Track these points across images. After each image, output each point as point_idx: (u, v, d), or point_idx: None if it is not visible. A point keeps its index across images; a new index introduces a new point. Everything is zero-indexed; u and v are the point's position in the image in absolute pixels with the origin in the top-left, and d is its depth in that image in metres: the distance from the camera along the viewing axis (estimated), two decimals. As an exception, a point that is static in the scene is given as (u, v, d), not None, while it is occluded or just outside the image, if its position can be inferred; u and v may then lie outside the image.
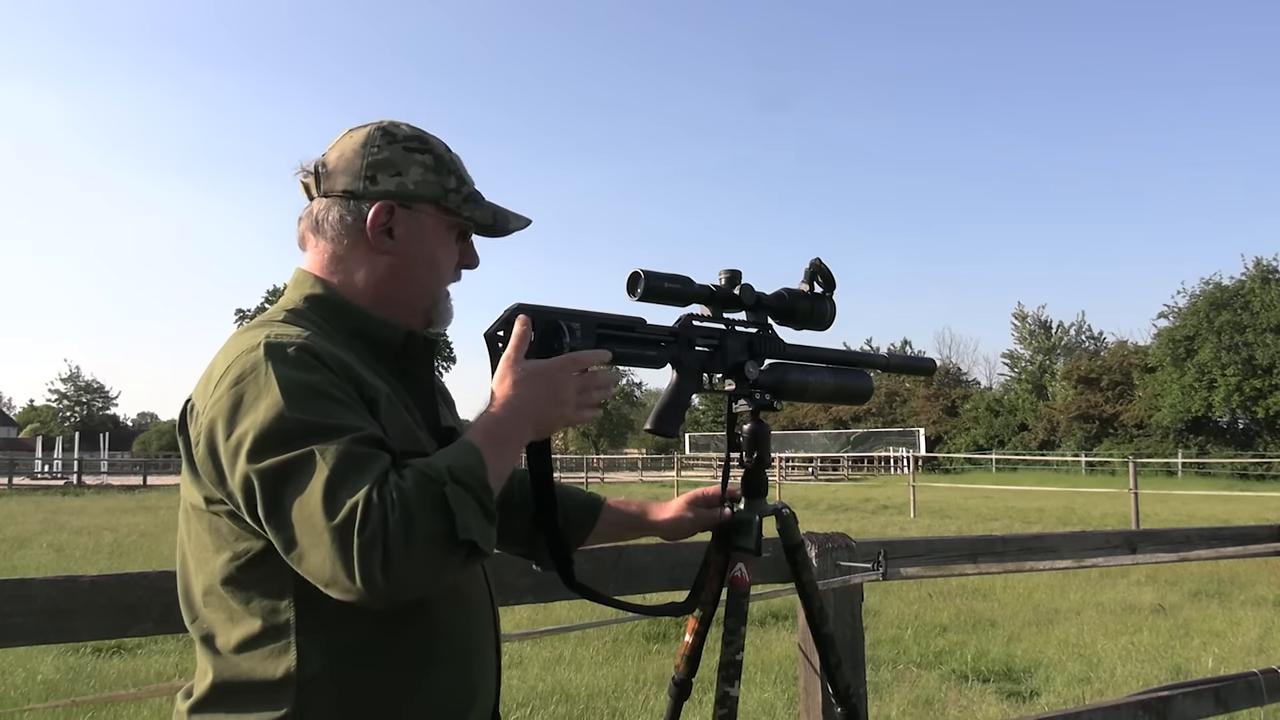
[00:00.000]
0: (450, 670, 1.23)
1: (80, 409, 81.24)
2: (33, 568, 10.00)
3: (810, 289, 1.66)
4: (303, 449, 1.05)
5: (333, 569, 1.02)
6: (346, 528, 1.01)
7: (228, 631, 1.17)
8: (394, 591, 1.02)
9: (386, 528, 1.00)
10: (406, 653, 1.19)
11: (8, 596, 1.58)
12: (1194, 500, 21.40)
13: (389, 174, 1.28)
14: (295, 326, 1.21)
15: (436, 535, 1.03)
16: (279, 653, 1.14)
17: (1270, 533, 3.43)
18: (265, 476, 1.06)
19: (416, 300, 1.33)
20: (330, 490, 1.03)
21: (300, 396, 1.09)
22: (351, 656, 1.16)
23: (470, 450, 1.13)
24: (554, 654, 6.03)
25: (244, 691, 1.16)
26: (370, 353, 1.27)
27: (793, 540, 1.72)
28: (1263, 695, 3.11)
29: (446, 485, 1.06)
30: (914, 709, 5.01)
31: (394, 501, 1.02)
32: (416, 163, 1.30)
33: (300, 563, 1.05)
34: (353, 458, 1.05)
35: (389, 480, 1.04)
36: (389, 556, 1.00)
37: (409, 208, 1.29)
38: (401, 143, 1.30)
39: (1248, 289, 44.11)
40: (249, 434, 1.08)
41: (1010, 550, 2.85)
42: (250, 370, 1.12)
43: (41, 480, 35.99)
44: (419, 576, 1.03)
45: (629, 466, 47.01)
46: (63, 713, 4.64)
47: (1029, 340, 59.19)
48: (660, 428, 1.51)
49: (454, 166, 1.34)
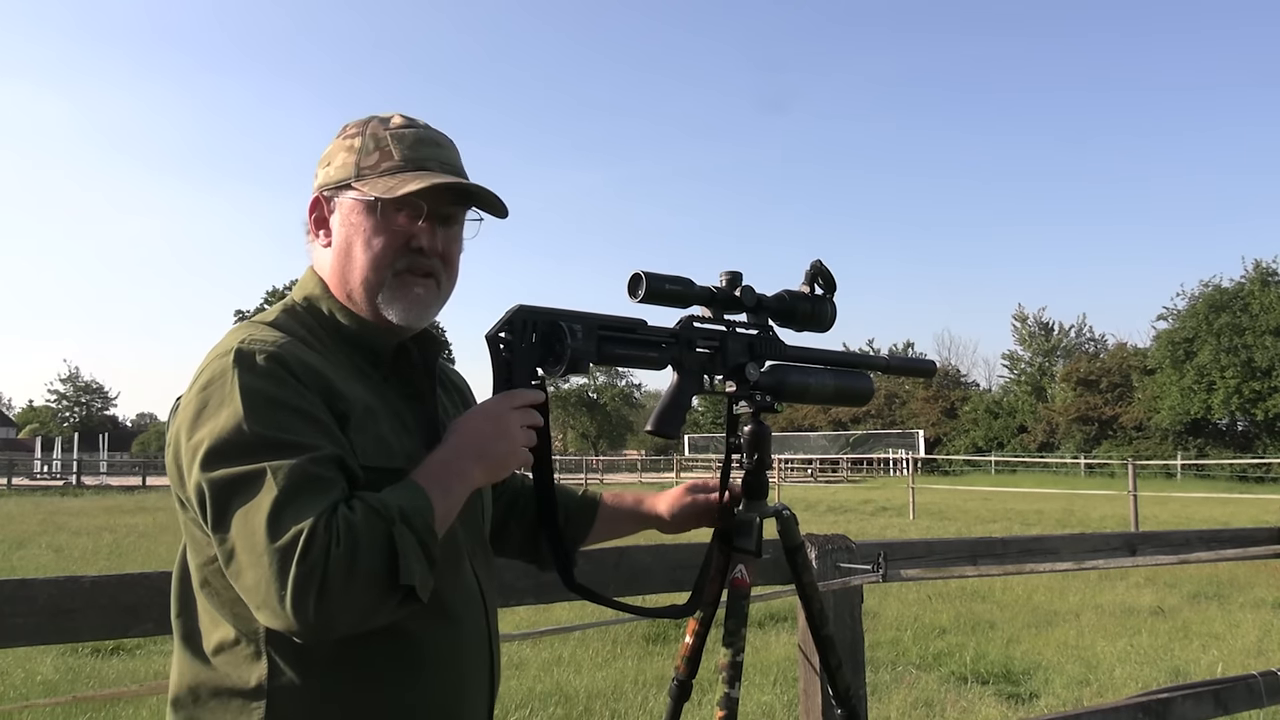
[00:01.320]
0: (429, 680, 1.20)
1: (79, 409, 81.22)
2: (32, 568, 10.00)
3: (811, 291, 1.66)
4: (255, 464, 1.04)
5: (265, 592, 0.99)
6: (287, 553, 0.98)
7: (208, 634, 1.17)
8: (321, 627, 1.00)
9: (327, 561, 0.98)
10: (381, 667, 1.17)
11: (9, 597, 1.59)
12: (1193, 503, 21.40)
13: (323, 166, 1.29)
14: (276, 331, 1.19)
15: (377, 576, 1.01)
16: (251, 660, 1.13)
17: (1269, 535, 3.44)
18: (215, 487, 1.04)
19: (357, 287, 1.25)
20: (276, 511, 1.00)
21: (261, 408, 1.07)
22: (323, 669, 1.14)
23: (419, 492, 1.10)
24: (553, 655, 6.02)
25: (218, 695, 1.15)
26: (365, 360, 1.26)
27: (793, 542, 1.73)
28: (1262, 697, 3.11)
29: (395, 525, 1.03)
30: (913, 710, 5.01)
31: (339, 534, 0.99)
32: (345, 148, 1.28)
33: (236, 579, 1.03)
34: (305, 479, 1.03)
35: (338, 511, 1.02)
36: (325, 591, 0.98)
37: (336, 195, 1.28)
38: (343, 134, 1.30)
39: (1247, 291, 44.13)
40: (204, 442, 1.06)
41: (1010, 552, 2.85)
42: (218, 376, 1.11)
43: (40, 481, 35.96)
44: (349, 615, 1.01)
45: (628, 468, 46.99)
46: (63, 711, 4.64)
47: (1029, 342, 59.22)
48: (661, 429, 1.51)
49: (381, 143, 1.25)
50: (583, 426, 72.87)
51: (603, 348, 1.40)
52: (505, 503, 1.56)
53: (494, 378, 1.31)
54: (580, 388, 72.29)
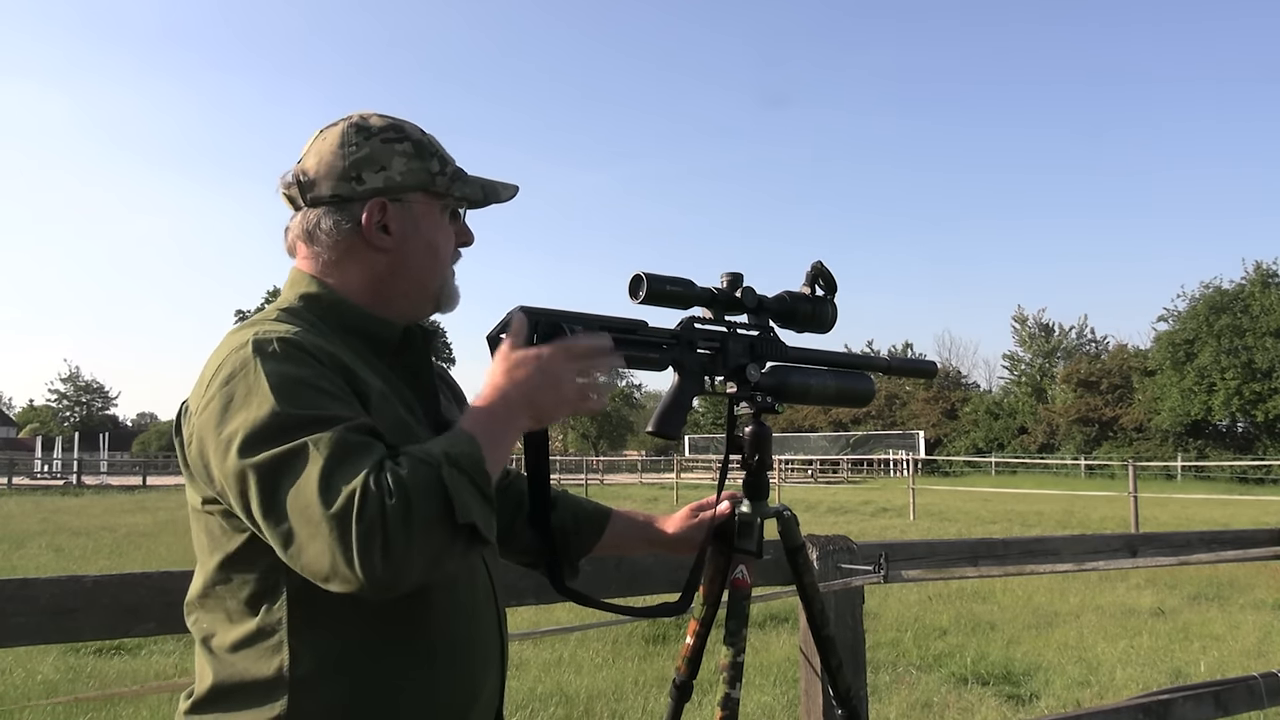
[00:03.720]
0: (446, 671, 1.22)
1: (80, 409, 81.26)
2: (32, 568, 10.00)
3: (812, 292, 1.66)
4: (296, 440, 1.04)
5: (332, 559, 1.00)
6: (344, 516, 0.99)
7: (225, 632, 1.18)
8: (394, 579, 1.00)
9: (384, 514, 0.99)
10: (399, 653, 1.18)
11: (10, 596, 1.59)
12: (1193, 504, 21.40)
13: (373, 170, 1.27)
14: (285, 324, 1.20)
15: (435, 520, 1.02)
16: (271, 652, 1.14)
17: (1270, 537, 3.44)
18: (259, 470, 1.04)
19: (424, 288, 1.32)
20: (326, 479, 1.01)
21: (291, 390, 1.08)
22: (344, 656, 1.15)
23: (465, 437, 1.11)
24: (554, 656, 6.03)
25: (239, 691, 1.16)
26: (369, 350, 1.27)
27: (794, 542, 1.73)
28: (1262, 699, 3.11)
29: (443, 469, 1.04)
30: (913, 711, 5.01)
31: (390, 488, 1.00)
32: (397, 153, 1.28)
33: (299, 557, 1.03)
34: (347, 446, 1.04)
35: (385, 466, 1.03)
36: (389, 543, 0.99)
37: (399, 200, 1.28)
38: (378, 135, 1.29)
39: (1247, 293, 44.12)
40: (240, 431, 1.06)
41: (1011, 553, 2.85)
42: (240, 368, 1.11)
43: (41, 480, 35.99)
44: (419, 563, 1.02)
45: (628, 468, 46.98)
46: (63, 711, 4.64)
47: (1029, 343, 59.23)
48: (662, 430, 1.51)
49: (434, 148, 1.33)
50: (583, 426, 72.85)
51: (604, 349, 1.40)
52: (514, 503, 1.54)
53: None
54: (580, 388, 72.09)
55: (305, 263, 1.31)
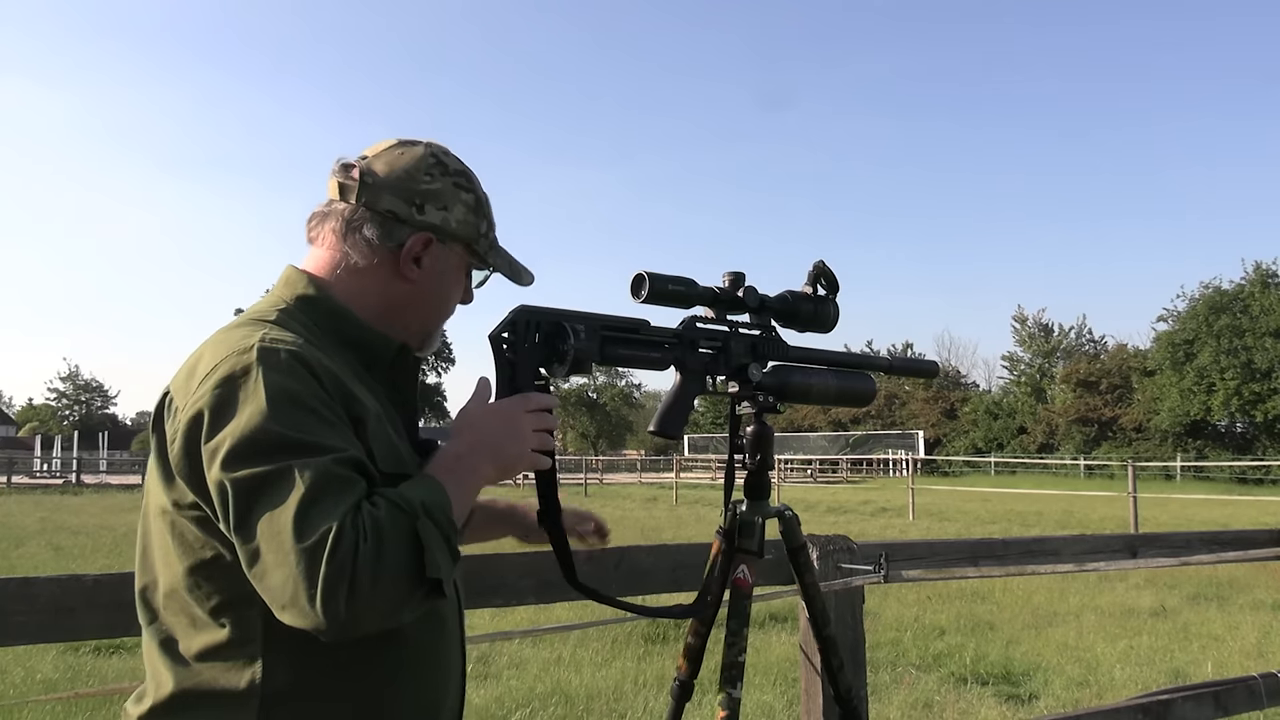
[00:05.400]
0: (417, 684, 1.22)
1: (79, 408, 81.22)
2: (31, 566, 10.00)
3: (813, 291, 1.66)
4: (280, 463, 1.03)
5: (294, 591, 0.99)
6: (315, 553, 0.98)
7: (189, 637, 1.15)
8: (352, 624, 1.00)
9: (356, 558, 0.99)
10: (374, 667, 1.17)
11: (11, 595, 1.59)
12: (1192, 504, 21.40)
13: (437, 207, 1.30)
14: (289, 331, 1.18)
15: (404, 570, 1.02)
16: (244, 663, 1.12)
17: (1269, 537, 3.44)
18: (239, 487, 1.03)
19: (424, 327, 1.35)
20: (303, 511, 1.00)
21: (286, 408, 1.07)
22: (318, 670, 1.13)
23: (437, 487, 1.11)
24: (553, 655, 6.02)
25: (206, 701, 1.13)
26: (361, 362, 1.26)
27: (795, 542, 1.73)
28: (1262, 699, 3.11)
29: (419, 519, 1.04)
30: (913, 711, 5.01)
31: (366, 531, 1.00)
32: (461, 201, 1.32)
33: (261, 579, 1.02)
34: (331, 479, 1.03)
35: (363, 509, 1.02)
36: (355, 588, 0.98)
37: (444, 243, 1.31)
38: (453, 177, 1.32)
39: (1247, 293, 44.15)
40: (227, 440, 1.05)
41: (1011, 553, 2.85)
42: (241, 373, 1.09)
43: (40, 479, 35.98)
44: (379, 611, 1.02)
45: (628, 468, 46.97)
46: (62, 710, 4.64)
47: (1029, 343, 59.24)
48: (664, 429, 1.51)
49: (488, 211, 1.37)
50: (582, 426, 72.87)
51: (606, 348, 1.40)
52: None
53: (497, 379, 1.31)
54: (580, 387, 72.28)
55: (317, 258, 1.30)
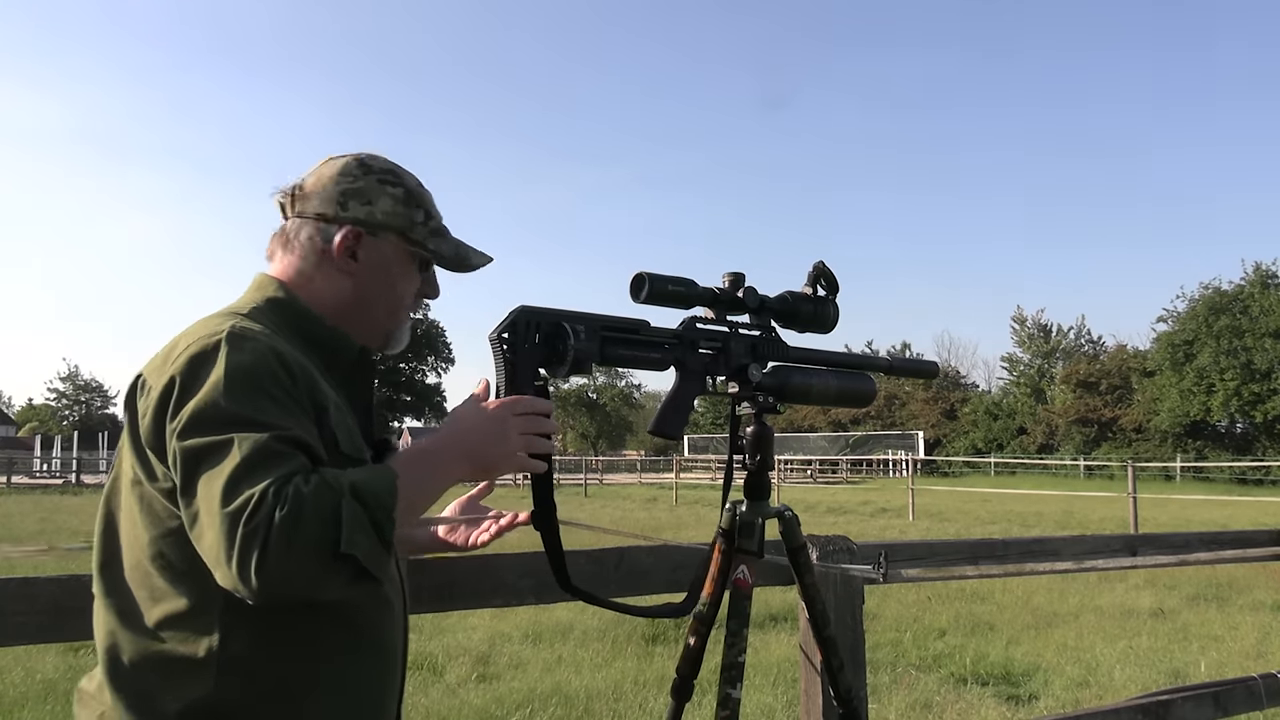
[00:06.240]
0: (370, 663, 1.27)
1: (79, 408, 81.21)
2: (31, 567, 10.00)
3: (814, 292, 1.66)
4: (223, 435, 1.10)
5: (218, 553, 1.05)
6: (235, 516, 1.04)
7: (150, 608, 1.20)
8: (264, 589, 1.04)
9: (271, 525, 1.03)
10: (329, 644, 1.22)
11: (12, 595, 1.59)
12: (1192, 505, 21.40)
13: (360, 202, 1.36)
14: (258, 324, 1.25)
15: (318, 543, 1.05)
16: (202, 632, 1.17)
17: (1269, 537, 3.43)
18: (187, 454, 1.11)
19: (375, 322, 1.39)
20: (234, 478, 1.06)
21: (240, 386, 1.13)
22: (275, 642, 1.18)
23: (386, 475, 1.14)
24: (553, 655, 6.02)
25: (162, 668, 1.18)
26: (321, 361, 1.31)
27: (795, 542, 1.73)
28: (1262, 700, 3.11)
29: (344, 498, 1.07)
30: (913, 712, 5.01)
31: (287, 500, 1.04)
32: (387, 194, 1.37)
33: (199, 541, 1.09)
34: (267, 452, 1.09)
35: (292, 481, 1.06)
36: (265, 552, 1.03)
37: (375, 235, 1.36)
38: (376, 174, 1.38)
39: (1247, 294, 44.18)
40: (186, 412, 1.12)
41: (1011, 553, 2.85)
42: (209, 350, 1.16)
43: (40, 479, 36.01)
44: (293, 579, 1.05)
45: (627, 468, 46.97)
46: (62, 708, 4.64)
47: (1028, 344, 59.27)
48: (664, 430, 1.51)
49: (423, 201, 1.41)
50: (582, 426, 72.87)
51: (606, 348, 1.40)
52: None
53: (497, 379, 1.31)
54: (580, 388, 72.28)
55: (278, 268, 1.39)
